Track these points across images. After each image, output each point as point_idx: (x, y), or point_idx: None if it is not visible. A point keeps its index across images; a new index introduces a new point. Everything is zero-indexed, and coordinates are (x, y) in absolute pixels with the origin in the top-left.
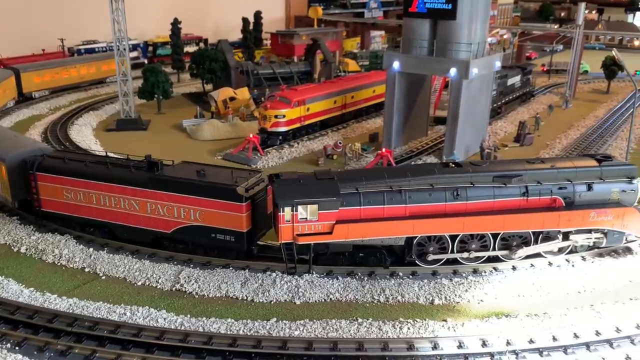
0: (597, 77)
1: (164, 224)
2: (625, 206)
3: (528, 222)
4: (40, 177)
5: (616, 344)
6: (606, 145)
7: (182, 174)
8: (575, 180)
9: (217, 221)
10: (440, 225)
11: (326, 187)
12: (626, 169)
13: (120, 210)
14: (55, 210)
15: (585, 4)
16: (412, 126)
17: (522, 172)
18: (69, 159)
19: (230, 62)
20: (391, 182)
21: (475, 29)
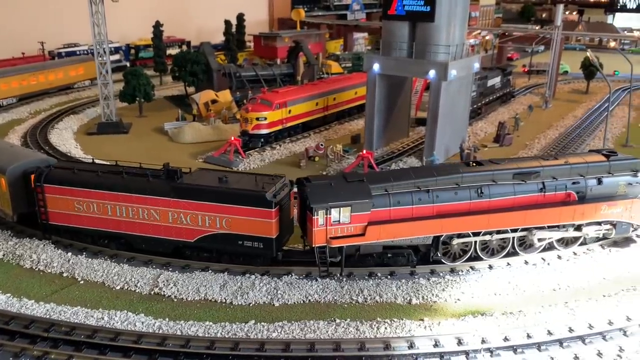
0: (577, 77)
1: (186, 233)
2: (631, 198)
3: (546, 217)
4: (48, 189)
5: (588, 340)
6: (584, 144)
7: (204, 181)
8: (587, 175)
9: (245, 228)
10: (467, 223)
11: (357, 189)
12: (631, 163)
13: (138, 220)
14: (64, 223)
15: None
16: (394, 127)
17: (539, 168)
18: (78, 170)
19: (212, 65)
20: (419, 182)
21: (453, 31)
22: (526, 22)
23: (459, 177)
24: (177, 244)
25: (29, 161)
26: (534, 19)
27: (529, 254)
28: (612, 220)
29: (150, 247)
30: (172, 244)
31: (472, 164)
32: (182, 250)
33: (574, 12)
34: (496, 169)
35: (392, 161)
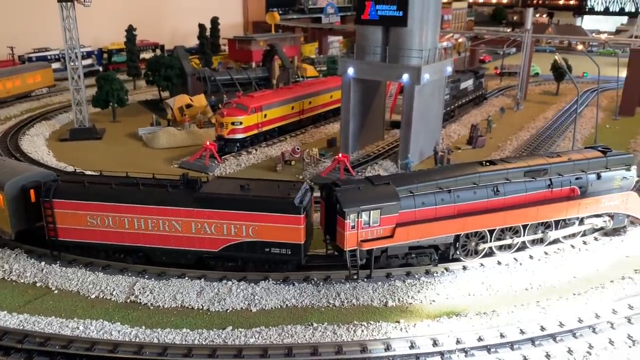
0: (547, 79)
1: (210, 243)
2: (626, 191)
3: (555, 211)
4: (57, 204)
5: (559, 338)
6: (554, 145)
7: (226, 190)
8: (588, 170)
9: (273, 235)
10: (486, 220)
11: (385, 192)
12: (625, 158)
13: (158, 232)
14: (76, 239)
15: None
16: (369, 130)
17: (547, 166)
18: (89, 183)
19: (186, 69)
20: (440, 182)
21: (426, 35)
22: (498, 25)
23: (477, 176)
24: (200, 254)
25: (27, 175)
26: (505, 21)
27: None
28: (611, 212)
29: (171, 259)
30: (195, 254)
31: (485, 163)
32: (205, 261)
33: (544, 15)
34: (509, 168)
35: (368, 164)
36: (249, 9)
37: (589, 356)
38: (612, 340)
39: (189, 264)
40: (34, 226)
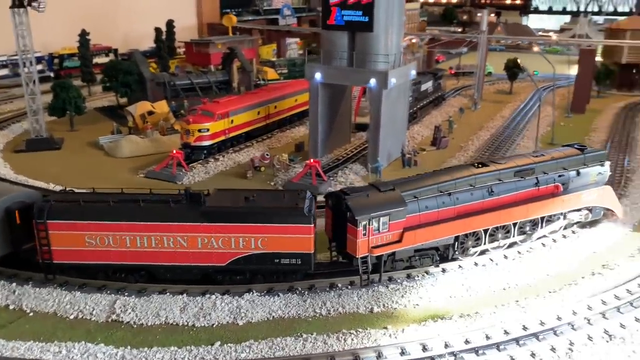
0: (500, 78)
1: (217, 257)
2: (602, 185)
3: (543, 208)
4: (52, 226)
5: (541, 337)
6: (514, 144)
7: (232, 202)
8: (569, 168)
9: (283, 246)
10: (483, 220)
11: (392, 197)
12: (599, 155)
13: (162, 249)
14: (72, 261)
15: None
16: (336, 134)
17: (533, 165)
18: (85, 201)
19: (145, 74)
20: (441, 186)
21: (391, 40)
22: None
23: (474, 178)
24: (207, 269)
25: (12, 196)
26: (456, 21)
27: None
28: (590, 206)
29: (176, 275)
30: (202, 269)
31: (477, 165)
32: (211, 276)
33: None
34: (500, 169)
35: (338, 168)
36: (203, 11)
37: (571, 353)
38: (591, 336)
39: (194, 279)
40: (20, 249)
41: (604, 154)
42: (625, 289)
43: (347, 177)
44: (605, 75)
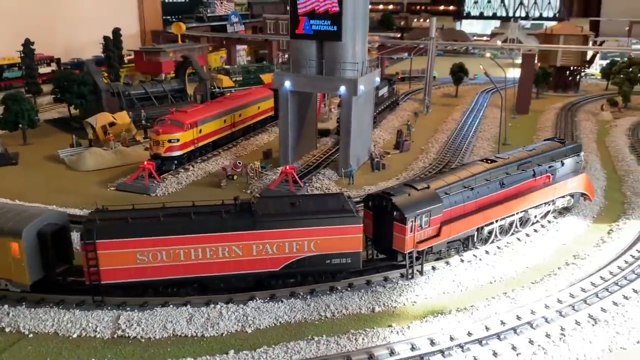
0: (445, 82)
1: (272, 263)
2: (580, 174)
3: (542, 197)
4: (101, 246)
5: (535, 325)
6: (471, 146)
7: (278, 208)
8: (556, 159)
9: (334, 247)
10: (499, 211)
11: (430, 195)
12: (576, 146)
13: (217, 260)
14: (122, 280)
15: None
16: (304, 141)
17: (530, 158)
18: (133, 218)
19: (100, 85)
20: (464, 182)
21: (358, 48)
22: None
23: (488, 173)
24: (261, 275)
25: (40, 220)
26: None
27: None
28: (572, 193)
29: (230, 284)
30: (256, 276)
31: (486, 161)
32: (264, 281)
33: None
34: (507, 163)
35: (312, 174)
36: (146, 19)
37: (565, 337)
38: (578, 321)
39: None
40: (54, 273)
41: (579, 145)
42: (599, 276)
43: (322, 182)
44: (543, 77)
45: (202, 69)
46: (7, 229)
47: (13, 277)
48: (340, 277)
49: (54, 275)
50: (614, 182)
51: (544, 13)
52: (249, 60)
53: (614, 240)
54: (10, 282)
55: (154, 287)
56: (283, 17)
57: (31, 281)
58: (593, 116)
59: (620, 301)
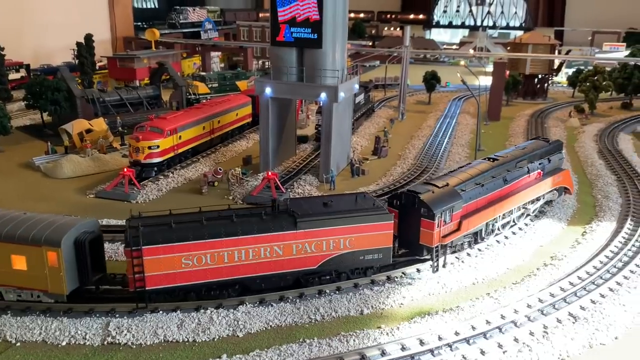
0: (417, 89)
1: (310, 261)
2: (563, 169)
3: (536, 191)
4: (147, 252)
5: (519, 324)
6: (447, 152)
7: (312, 207)
8: (544, 157)
9: (368, 243)
10: (505, 205)
11: (450, 192)
12: (559, 144)
13: (258, 260)
14: (167, 285)
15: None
16: (284, 147)
17: (525, 156)
18: (177, 223)
19: (74, 91)
20: (476, 179)
21: (338, 56)
22: (358, 38)
23: (494, 170)
24: (299, 273)
25: (77, 227)
26: (367, 35)
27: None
28: (557, 187)
29: (270, 284)
30: (294, 275)
31: (489, 159)
32: (301, 279)
33: (397, 29)
34: (507, 161)
35: (293, 180)
36: (117, 25)
37: (548, 335)
38: (560, 319)
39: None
40: (90, 282)
41: (561, 143)
42: (577, 276)
43: (303, 188)
44: (513, 85)
45: (178, 75)
46: (45, 238)
47: (49, 287)
48: (370, 272)
49: (90, 284)
50: (585, 186)
51: (510, 22)
52: (222, 67)
53: (588, 242)
54: (45, 293)
55: (196, 291)
56: (256, 24)
57: (68, 291)
58: (562, 123)
59: (598, 299)
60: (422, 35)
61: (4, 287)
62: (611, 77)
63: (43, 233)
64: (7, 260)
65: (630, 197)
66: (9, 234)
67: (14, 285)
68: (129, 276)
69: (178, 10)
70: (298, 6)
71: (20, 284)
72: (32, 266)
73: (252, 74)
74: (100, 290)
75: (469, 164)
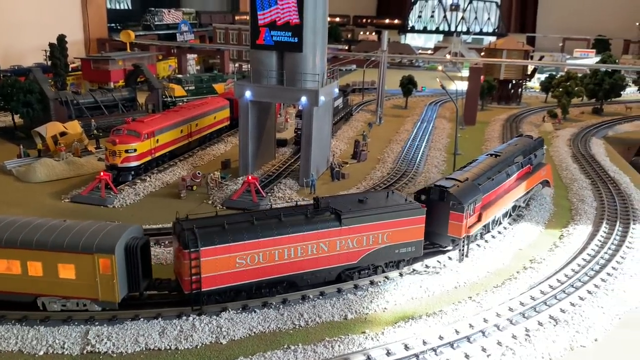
0: (394, 93)
1: (352, 256)
2: (545, 164)
3: (528, 185)
4: (205, 253)
5: (502, 327)
6: (425, 155)
7: (349, 204)
8: (531, 152)
9: (403, 237)
10: (510, 197)
11: (472, 186)
12: (540, 140)
13: (306, 257)
14: (221, 285)
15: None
16: (264, 151)
17: (519, 152)
18: (229, 224)
19: (47, 93)
20: (488, 174)
21: (318, 60)
22: (335, 42)
23: (500, 165)
24: (342, 268)
25: (127, 233)
26: (343, 39)
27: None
28: (542, 180)
29: (316, 279)
30: (337, 270)
31: (493, 155)
32: (341, 274)
33: (373, 33)
34: (506, 157)
35: (273, 184)
36: (90, 26)
37: (530, 338)
38: (541, 322)
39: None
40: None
41: (543, 139)
42: (556, 279)
43: (283, 192)
44: (488, 90)
45: (154, 77)
46: (97, 245)
47: (100, 295)
48: (402, 265)
49: (140, 290)
50: (560, 190)
51: (484, 28)
52: (198, 70)
53: (565, 245)
54: (96, 302)
55: (247, 290)
56: (233, 27)
57: (120, 298)
58: (536, 127)
59: (577, 302)
60: (397, 40)
61: (48, 297)
62: (583, 82)
63: (94, 240)
64: (53, 270)
65: (605, 201)
66: (56, 243)
67: (59, 295)
68: (185, 278)
69: (153, 12)
70: (278, 10)
71: (67, 294)
72: (82, 274)
73: (230, 76)
74: (145, 297)
75: (476, 159)
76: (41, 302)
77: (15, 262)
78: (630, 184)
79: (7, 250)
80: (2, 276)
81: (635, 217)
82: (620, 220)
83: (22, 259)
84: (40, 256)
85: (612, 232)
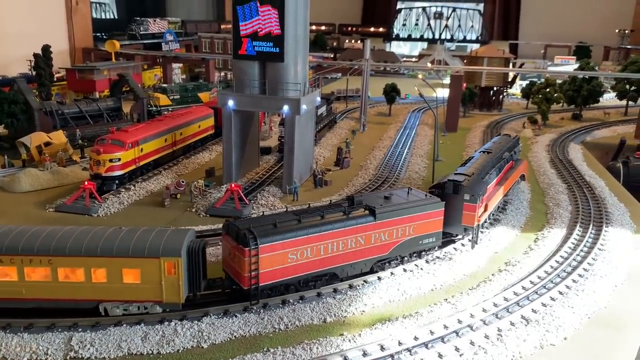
0: (377, 101)
1: (384, 248)
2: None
3: (513, 179)
4: (263, 250)
5: (475, 327)
6: (406, 162)
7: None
8: (512, 149)
9: (426, 229)
10: (504, 189)
11: (478, 179)
12: (517, 138)
13: (346, 251)
14: (275, 280)
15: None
16: (248, 159)
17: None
18: (280, 222)
19: (32, 104)
20: (487, 169)
21: (299, 69)
22: (320, 50)
23: (495, 160)
24: (375, 260)
25: (188, 236)
26: (329, 47)
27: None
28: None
29: (353, 271)
30: (371, 261)
31: (486, 152)
32: (375, 266)
33: (358, 41)
34: (497, 153)
35: (256, 191)
36: (75, 35)
37: (502, 337)
38: (513, 322)
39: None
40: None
41: (519, 138)
42: (529, 281)
43: (267, 199)
44: (469, 97)
45: (138, 87)
46: (163, 249)
47: (164, 297)
48: (424, 255)
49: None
50: (537, 194)
51: (467, 36)
52: (183, 79)
53: (540, 248)
54: (159, 304)
55: (295, 285)
56: (218, 35)
57: (184, 299)
58: (516, 133)
59: (548, 302)
60: (382, 48)
61: (111, 302)
62: (562, 89)
63: (159, 244)
64: (117, 275)
65: (580, 205)
66: (121, 249)
67: (122, 299)
68: (245, 275)
69: (138, 22)
70: (260, 21)
71: (130, 297)
72: (147, 278)
73: (215, 85)
74: (198, 297)
75: (472, 157)
76: (103, 308)
77: (78, 270)
78: (605, 187)
79: (70, 258)
80: (65, 284)
81: (608, 220)
82: (594, 223)
83: (86, 267)
84: (105, 263)
85: (585, 235)
